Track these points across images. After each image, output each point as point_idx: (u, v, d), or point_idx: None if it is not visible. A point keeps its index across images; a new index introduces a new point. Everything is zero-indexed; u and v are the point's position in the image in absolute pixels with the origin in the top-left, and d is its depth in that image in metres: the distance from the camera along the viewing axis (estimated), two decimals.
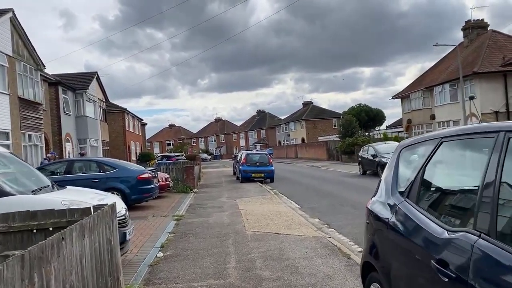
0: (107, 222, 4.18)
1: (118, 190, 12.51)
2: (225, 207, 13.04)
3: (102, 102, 33.70)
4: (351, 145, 38.65)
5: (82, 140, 28.85)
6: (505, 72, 28.09)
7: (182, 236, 8.70)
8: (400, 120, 60.92)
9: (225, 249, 7.37)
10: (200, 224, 10.02)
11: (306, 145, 62.14)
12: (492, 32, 33.00)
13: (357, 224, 9.44)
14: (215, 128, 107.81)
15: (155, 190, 13.22)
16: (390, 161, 3.52)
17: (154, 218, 11.18)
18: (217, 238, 8.33)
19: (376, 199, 3.51)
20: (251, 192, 17.15)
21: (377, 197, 3.52)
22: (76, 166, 13.66)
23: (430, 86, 34.62)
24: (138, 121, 48.84)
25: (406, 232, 2.75)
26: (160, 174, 16.33)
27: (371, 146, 23.56)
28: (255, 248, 7.32)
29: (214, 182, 24.89)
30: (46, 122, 22.85)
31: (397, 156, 3.41)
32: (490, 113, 28.86)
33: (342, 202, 13.25)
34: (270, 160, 23.69)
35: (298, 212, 11.64)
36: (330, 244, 7.37)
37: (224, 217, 11.02)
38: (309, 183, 21.27)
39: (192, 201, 14.95)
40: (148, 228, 9.71)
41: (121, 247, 6.12)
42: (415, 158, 3.14)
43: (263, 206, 12.84)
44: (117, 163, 13.49)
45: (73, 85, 27.90)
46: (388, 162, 3.59)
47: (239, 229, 9.17)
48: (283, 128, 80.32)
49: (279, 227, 9.18)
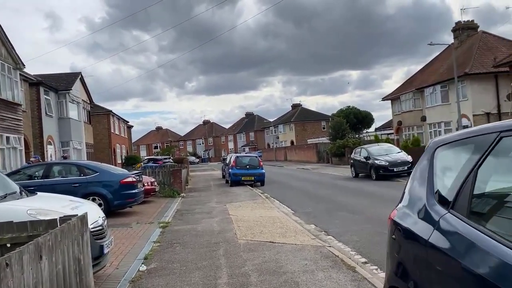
0: (75, 237, 3.46)
1: (100, 195, 11.75)
2: (214, 212, 12.32)
3: (86, 103, 32.70)
4: (342, 147, 38.21)
5: (65, 143, 27.83)
6: (496, 73, 27.85)
7: (168, 246, 7.96)
8: (388, 122, 60.89)
9: (215, 261, 6.66)
10: (187, 232, 9.29)
11: (295, 147, 61.63)
12: (483, 33, 32.86)
13: (356, 230, 8.83)
14: (203, 131, 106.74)
15: (139, 195, 12.45)
16: (421, 163, 2.87)
17: (138, 226, 10.41)
18: (206, 248, 7.62)
19: (404, 211, 2.85)
20: (242, 196, 16.44)
21: (404, 208, 2.87)
22: (55, 169, 12.83)
23: (420, 87, 34.33)
24: (124, 123, 47.76)
25: (458, 255, 2.10)
26: (145, 178, 15.53)
27: (364, 148, 23.03)
28: (249, 259, 6.63)
29: (202, 185, 24.11)
30: (26, 124, 21.85)
31: (430, 157, 2.76)
32: (482, 115, 28.63)
33: (337, 206, 12.64)
34: (260, 163, 23.02)
35: (292, 218, 10.98)
36: (331, 254, 6.71)
37: (213, 223, 10.30)
38: (301, 186, 20.65)
39: (180, 206, 14.18)
40: (131, 237, 8.95)
41: (97, 262, 5.40)
42: (460, 159, 2.49)
43: (254, 212, 12.16)
44: (99, 166, 12.69)
45: (55, 85, 26.90)
46: (418, 164, 2.93)
47: (230, 237, 8.46)
48: (272, 130, 79.73)
49: (273, 235, 8.51)
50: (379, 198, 13.75)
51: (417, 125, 35.68)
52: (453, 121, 30.62)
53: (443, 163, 2.66)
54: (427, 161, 2.76)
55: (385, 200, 13.17)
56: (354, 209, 11.87)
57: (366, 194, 15.16)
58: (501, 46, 30.60)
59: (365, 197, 14.35)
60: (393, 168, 20.24)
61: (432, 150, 2.79)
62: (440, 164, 2.66)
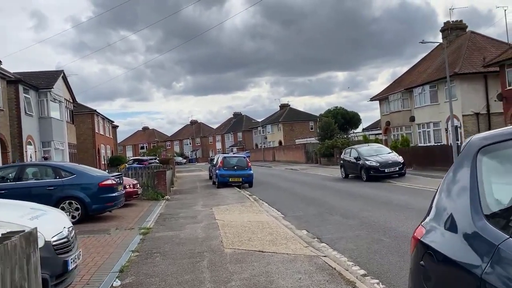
0: (17, 262, 2.75)
1: (77, 198, 10.97)
2: (199, 217, 11.61)
3: (69, 102, 31.66)
4: (331, 147, 37.76)
5: (46, 143, 26.79)
6: (485, 74, 27.66)
7: (147, 256, 7.25)
8: (376, 122, 60.76)
9: (198, 274, 5.98)
10: (169, 240, 8.57)
11: (283, 147, 61.09)
12: (471, 33, 32.70)
13: (352, 237, 8.24)
14: (191, 131, 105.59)
15: (119, 198, 11.67)
16: (457, 170, 2.24)
17: (116, 232, 9.66)
18: (189, 258, 6.92)
19: (435, 229, 2.22)
20: (229, 199, 15.75)
21: (435, 225, 2.24)
22: (29, 171, 11.99)
23: (409, 87, 34.04)
24: (109, 123, 46.66)
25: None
26: (127, 180, 14.75)
27: (354, 149, 22.51)
28: (236, 272, 5.96)
29: (188, 187, 23.34)
30: (4, 123, 20.85)
31: (471, 162, 2.13)
32: (471, 115, 28.41)
33: (329, 209, 12.04)
34: (248, 164, 22.34)
35: (283, 222, 10.34)
36: (327, 266, 6.07)
37: (198, 229, 9.59)
38: (290, 187, 20.04)
39: (163, 210, 13.44)
40: (108, 245, 8.21)
41: (61, 280, 4.68)
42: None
43: (242, 216, 11.49)
44: (76, 168, 11.88)
45: (36, 83, 25.86)
46: (452, 171, 2.30)
47: (215, 246, 7.78)
48: (260, 130, 79.11)
49: (263, 243, 7.85)
50: (372, 201, 13.20)
51: (406, 126, 35.40)
52: (442, 121, 30.37)
53: (492, 170, 2.03)
54: (467, 167, 2.13)
55: (379, 203, 12.63)
56: (347, 212, 11.29)
57: (358, 196, 14.60)
58: (490, 46, 30.45)
59: (357, 200, 13.79)
60: (384, 169, 19.75)
61: (472, 153, 2.16)
62: (488, 171, 2.03)
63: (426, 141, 32.14)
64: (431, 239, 2.22)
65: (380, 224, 9.29)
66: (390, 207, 11.66)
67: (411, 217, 9.83)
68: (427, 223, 2.35)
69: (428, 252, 2.19)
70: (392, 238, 7.86)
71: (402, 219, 9.75)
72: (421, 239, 2.30)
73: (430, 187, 15.90)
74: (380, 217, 10.13)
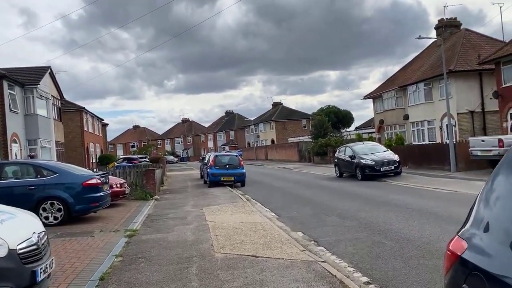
0: None
1: (59, 199, 10.36)
2: (189, 218, 11.07)
3: (56, 99, 30.86)
4: (324, 146, 37.37)
5: (32, 141, 25.97)
6: (480, 71, 27.40)
7: (132, 262, 6.70)
8: (368, 121, 60.57)
9: (186, 283, 5.44)
10: (156, 243, 8.02)
11: (276, 146, 60.63)
12: (466, 31, 32.45)
13: (351, 240, 7.76)
14: (182, 129, 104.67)
15: (105, 198, 11.07)
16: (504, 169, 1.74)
17: (101, 234, 9.08)
18: (176, 264, 6.38)
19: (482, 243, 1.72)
20: (220, 199, 15.21)
21: (480, 237, 1.74)
22: (8, 170, 11.34)
23: (403, 85, 33.71)
24: (98, 121, 45.80)
25: None
26: (114, 179, 14.16)
27: (349, 147, 22.08)
28: (227, 280, 5.44)
29: (179, 187, 22.74)
30: None
31: None
32: (466, 113, 28.14)
33: (325, 210, 11.56)
34: (241, 162, 21.81)
35: (277, 224, 9.84)
36: (327, 273, 5.57)
37: (187, 232, 9.05)
38: (283, 187, 19.56)
39: (151, 211, 12.86)
40: (90, 249, 7.64)
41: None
42: None
43: (234, 216, 10.96)
44: (58, 166, 11.26)
45: (21, 79, 25.05)
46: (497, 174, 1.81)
47: (205, 250, 7.25)
48: (252, 129, 78.55)
49: (256, 246, 7.33)
50: (369, 200, 12.75)
51: (400, 124, 35.07)
52: (437, 120, 30.08)
53: None
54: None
55: (377, 202, 12.18)
56: (344, 213, 10.81)
57: (354, 196, 14.15)
58: (485, 44, 30.21)
59: (353, 199, 13.33)
60: (379, 167, 19.33)
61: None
62: None
63: (420, 139, 31.84)
64: (476, 256, 1.72)
65: (379, 226, 8.82)
66: (388, 207, 11.21)
67: (412, 218, 9.39)
68: (469, 234, 1.85)
69: (474, 273, 1.69)
70: (394, 241, 7.39)
71: (402, 220, 9.29)
72: (462, 255, 1.80)
73: (428, 186, 15.52)
74: (379, 218, 9.66)
